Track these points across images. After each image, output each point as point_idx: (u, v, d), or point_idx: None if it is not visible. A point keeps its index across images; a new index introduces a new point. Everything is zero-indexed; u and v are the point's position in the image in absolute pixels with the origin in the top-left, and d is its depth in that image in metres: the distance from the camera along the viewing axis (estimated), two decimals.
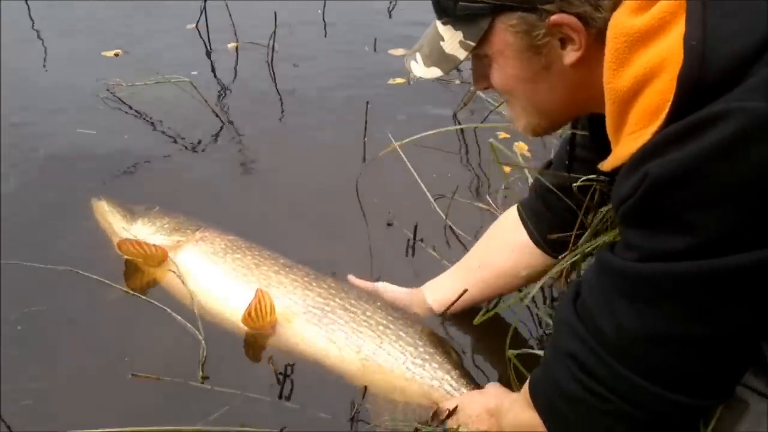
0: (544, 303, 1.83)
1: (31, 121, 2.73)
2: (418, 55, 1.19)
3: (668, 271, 0.92)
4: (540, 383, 1.16)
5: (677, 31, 0.91)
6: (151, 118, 2.75)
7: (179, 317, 1.79)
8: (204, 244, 1.92)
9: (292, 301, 1.76)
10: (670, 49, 0.91)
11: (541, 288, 1.76)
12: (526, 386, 1.21)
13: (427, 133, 1.77)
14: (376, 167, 2.48)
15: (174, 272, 1.86)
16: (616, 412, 1.01)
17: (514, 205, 1.73)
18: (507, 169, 2.54)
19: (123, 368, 1.69)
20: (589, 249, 1.37)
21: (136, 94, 2.81)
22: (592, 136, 1.27)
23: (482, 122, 2.76)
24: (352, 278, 1.88)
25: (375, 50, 3.39)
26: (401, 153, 1.71)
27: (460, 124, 2.81)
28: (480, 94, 2.86)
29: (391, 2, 3.80)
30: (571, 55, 1.04)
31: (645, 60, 0.93)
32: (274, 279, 1.81)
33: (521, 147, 2.65)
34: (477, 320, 1.66)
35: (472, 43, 1.09)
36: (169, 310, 1.81)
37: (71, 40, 3.38)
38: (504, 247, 1.69)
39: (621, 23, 0.96)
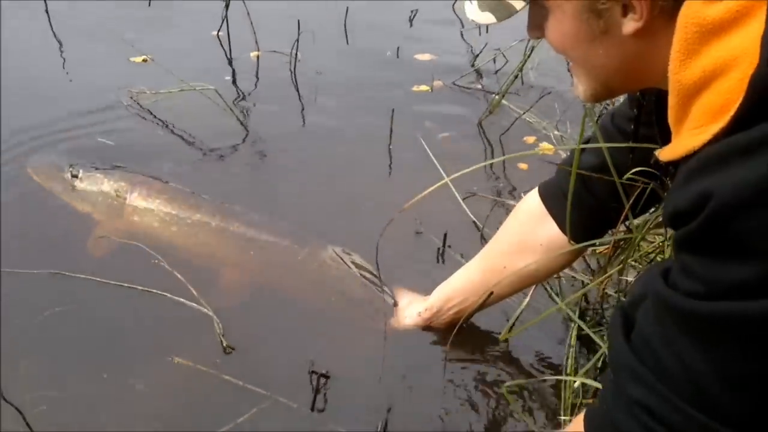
0: (581, 312, 1.78)
1: (51, 128, 2.70)
2: None
3: (743, 312, 0.82)
4: (598, 422, 1.06)
5: (754, 28, 0.84)
6: (174, 126, 2.74)
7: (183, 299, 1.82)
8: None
9: None
10: (743, 46, 0.84)
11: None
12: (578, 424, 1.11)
13: (463, 171, 1.69)
14: (402, 173, 2.47)
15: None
16: None
17: (530, 193, 1.62)
18: (523, 166, 2.54)
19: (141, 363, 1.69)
20: (633, 258, 1.32)
21: (160, 102, 2.80)
22: (657, 115, 1.19)
23: (507, 129, 2.74)
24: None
25: (398, 56, 3.38)
26: (436, 162, 1.66)
27: (484, 131, 2.79)
28: (504, 102, 2.85)
29: (412, 11, 3.79)
30: (630, 25, 0.98)
31: (715, 54, 0.87)
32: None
33: (547, 148, 2.63)
34: (503, 336, 1.62)
35: None
36: (169, 295, 1.83)
37: (92, 46, 3.39)
38: (531, 245, 1.58)
39: (694, 11, 0.89)
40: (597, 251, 1.71)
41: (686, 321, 0.89)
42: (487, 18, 1.11)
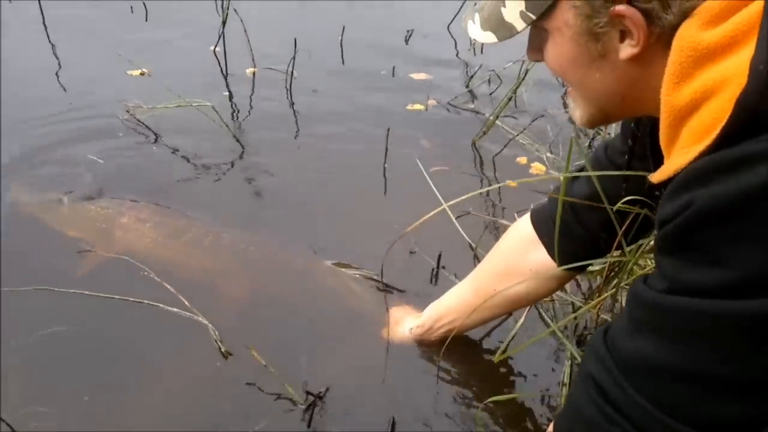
0: (578, 337, 1.79)
1: (45, 142, 2.72)
2: (477, 16, 1.15)
3: (696, 308, 0.88)
4: (562, 413, 1.13)
5: (747, 52, 0.86)
6: (169, 142, 2.75)
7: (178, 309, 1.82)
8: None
9: None
10: (735, 69, 0.87)
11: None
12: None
13: (461, 198, 1.69)
14: (397, 192, 2.49)
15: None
16: None
17: (522, 218, 1.64)
18: (512, 184, 2.56)
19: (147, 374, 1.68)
20: (627, 282, 1.33)
21: (156, 116, 2.81)
22: (652, 147, 1.21)
23: (501, 150, 2.76)
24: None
25: (393, 75, 3.41)
26: (447, 209, 1.68)
27: (479, 151, 2.81)
28: (498, 123, 2.87)
29: (407, 31, 3.83)
30: (627, 50, 1.01)
31: (707, 77, 0.90)
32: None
33: (539, 168, 2.66)
34: (497, 357, 1.62)
35: (533, 16, 1.06)
36: (161, 305, 1.84)
37: (89, 60, 3.42)
38: (521, 269, 1.59)
39: (689, 36, 0.92)
40: (591, 272, 1.72)
41: (648, 311, 0.95)
42: (489, 38, 1.13)
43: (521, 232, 1.63)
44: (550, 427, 1.18)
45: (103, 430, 1.57)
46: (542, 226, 1.55)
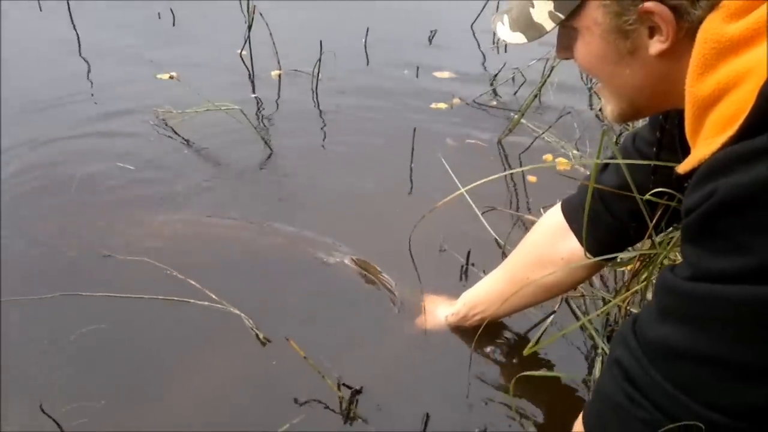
0: (605, 329, 1.80)
1: (74, 148, 2.78)
2: (505, 18, 1.17)
3: (718, 294, 0.90)
4: (591, 399, 1.14)
5: None
6: (199, 145, 2.80)
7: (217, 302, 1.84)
8: None
9: None
10: (757, 61, 0.88)
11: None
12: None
13: (480, 182, 1.71)
14: (422, 192, 2.50)
15: None
16: (651, 421, 0.98)
17: (553, 208, 1.66)
18: (533, 179, 2.58)
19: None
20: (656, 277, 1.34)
21: (186, 120, 2.86)
22: (680, 139, 1.21)
23: (527, 148, 2.77)
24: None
25: (417, 76, 3.44)
26: (465, 194, 1.71)
27: (504, 149, 2.82)
28: (523, 121, 2.88)
29: (431, 31, 3.85)
30: (656, 46, 1.02)
31: (730, 69, 0.91)
32: None
33: (565, 163, 2.66)
34: (528, 350, 1.64)
35: (562, 16, 1.08)
36: (192, 300, 1.87)
37: (118, 65, 3.49)
38: (553, 259, 1.61)
39: (713, 28, 0.94)
40: (620, 263, 1.74)
41: (673, 298, 0.97)
42: (518, 38, 1.15)
43: (552, 221, 1.65)
44: (579, 419, 1.19)
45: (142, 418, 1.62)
46: (572, 214, 1.58)
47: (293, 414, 1.61)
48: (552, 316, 1.80)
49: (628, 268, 1.63)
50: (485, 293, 1.79)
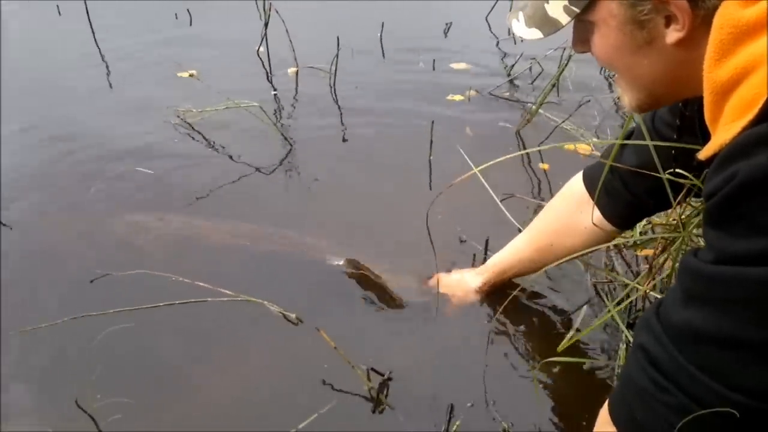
0: (628, 317, 1.81)
1: (93, 153, 2.80)
2: (520, 15, 1.18)
3: (741, 276, 0.90)
4: (616, 386, 1.15)
5: None
6: (219, 143, 2.83)
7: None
8: None
9: None
10: None
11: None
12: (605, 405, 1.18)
13: (494, 161, 1.73)
14: (441, 184, 2.51)
15: None
16: (676, 404, 0.99)
17: (575, 176, 1.73)
18: (545, 167, 2.58)
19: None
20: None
21: (206, 118, 2.90)
22: (701, 123, 1.21)
23: (546, 139, 2.77)
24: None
25: (433, 68, 3.44)
26: (479, 174, 1.74)
27: (523, 140, 2.83)
28: (540, 111, 2.88)
29: (446, 24, 3.86)
30: (673, 35, 1.03)
31: (747, 53, 0.91)
32: None
33: (585, 149, 2.66)
34: (561, 347, 1.65)
35: (577, 10, 1.09)
36: (210, 299, 1.87)
37: (138, 64, 3.53)
38: (576, 227, 1.69)
39: (729, 13, 0.93)
40: (641, 251, 1.77)
41: (697, 282, 0.97)
42: (534, 34, 1.17)
43: (573, 191, 1.72)
44: (605, 405, 1.19)
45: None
46: (593, 184, 1.62)
47: (325, 401, 1.64)
48: (585, 307, 1.82)
49: (650, 252, 1.65)
50: (510, 258, 1.89)
